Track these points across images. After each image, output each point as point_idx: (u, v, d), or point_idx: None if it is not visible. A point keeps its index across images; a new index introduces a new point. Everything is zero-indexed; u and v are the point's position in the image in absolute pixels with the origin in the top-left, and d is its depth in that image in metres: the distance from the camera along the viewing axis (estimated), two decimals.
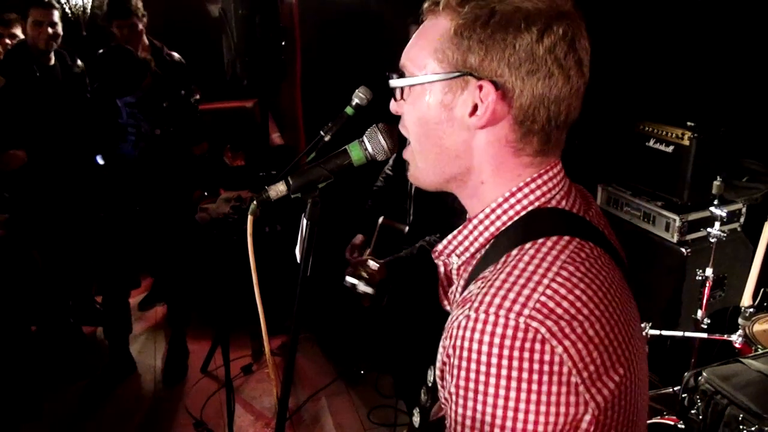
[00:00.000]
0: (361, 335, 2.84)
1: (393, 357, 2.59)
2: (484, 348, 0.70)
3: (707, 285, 2.34)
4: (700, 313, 2.35)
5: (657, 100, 2.94)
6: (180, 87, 3.14)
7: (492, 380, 0.69)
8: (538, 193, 0.83)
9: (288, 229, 3.02)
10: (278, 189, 1.22)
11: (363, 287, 1.93)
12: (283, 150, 4.15)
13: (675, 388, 1.99)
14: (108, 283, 3.12)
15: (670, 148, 2.71)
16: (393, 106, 0.92)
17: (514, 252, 0.78)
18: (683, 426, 1.93)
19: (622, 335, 0.75)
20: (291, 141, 4.34)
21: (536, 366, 0.69)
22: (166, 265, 3.20)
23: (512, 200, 0.83)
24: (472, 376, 0.70)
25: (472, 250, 0.87)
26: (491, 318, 0.70)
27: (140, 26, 3.20)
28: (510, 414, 0.69)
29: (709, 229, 2.35)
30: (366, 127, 1.28)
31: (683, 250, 2.62)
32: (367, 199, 2.58)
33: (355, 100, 2.06)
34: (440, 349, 0.80)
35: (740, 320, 2.16)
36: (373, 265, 1.96)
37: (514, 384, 0.69)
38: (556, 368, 0.69)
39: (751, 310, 2.17)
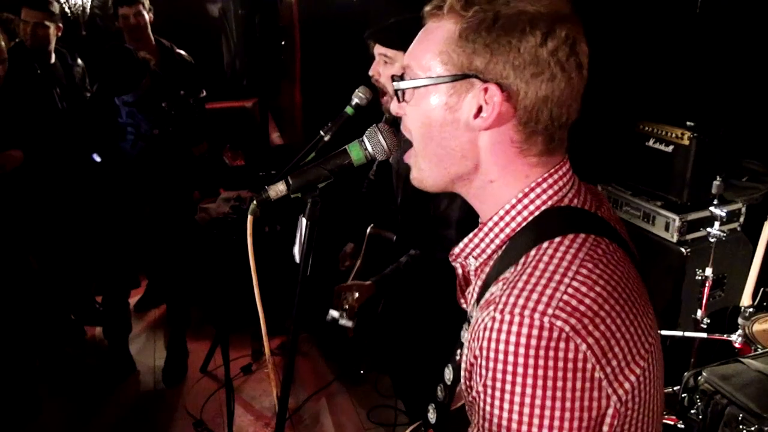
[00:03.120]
0: (361, 335, 2.84)
1: (390, 358, 2.59)
2: (511, 348, 0.72)
3: (707, 285, 2.34)
4: (699, 312, 2.35)
5: (657, 100, 2.94)
6: (182, 87, 3.14)
7: (519, 379, 0.71)
8: (550, 192, 0.85)
9: (288, 229, 3.02)
10: (278, 189, 1.23)
11: (344, 321, 1.95)
12: (283, 150, 4.15)
13: (675, 388, 1.99)
14: (108, 283, 3.11)
15: (670, 148, 2.71)
16: (394, 108, 0.93)
17: (533, 252, 0.80)
18: (683, 426, 1.93)
19: (642, 328, 0.78)
20: (291, 141, 4.34)
21: (561, 364, 0.71)
22: (165, 265, 3.20)
23: (525, 201, 0.85)
24: (499, 376, 0.73)
25: (488, 251, 0.89)
26: (516, 319, 0.72)
27: (146, 17, 3.20)
28: (537, 411, 0.71)
29: (708, 229, 2.35)
30: (366, 127, 1.28)
31: (683, 249, 2.62)
32: (354, 206, 2.57)
33: (355, 100, 2.06)
34: (465, 350, 0.82)
35: (740, 320, 2.16)
36: (354, 293, 1.97)
37: (540, 382, 0.71)
38: (580, 365, 0.71)
39: (751, 309, 2.17)
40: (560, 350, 0.71)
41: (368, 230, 2.37)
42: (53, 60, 3.16)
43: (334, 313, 1.96)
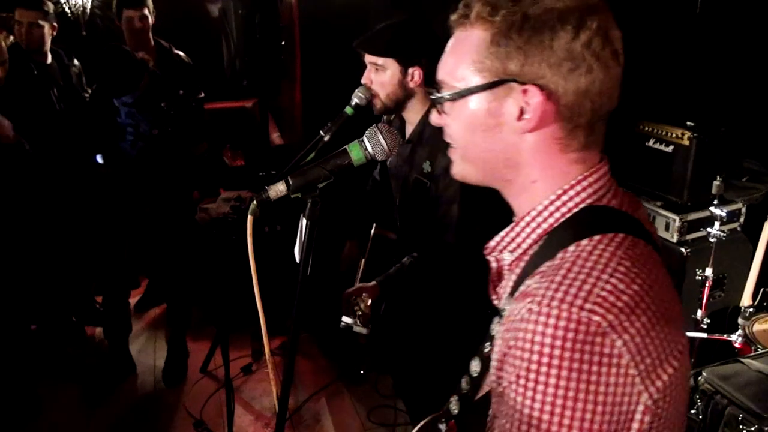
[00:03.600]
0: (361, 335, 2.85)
1: (392, 358, 2.59)
2: (547, 340, 0.72)
3: (707, 285, 2.34)
4: (699, 312, 2.35)
5: (657, 100, 2.94)
6: (180, 87, 3.14)
7: (553, 371, 0.72)
8: (590, 190, 0.86)
9: (288, 229, 3.02)
10: (278, 189, 1.23)
11: (358, 329, 1.94)
12: (282, 150, 4.15)
13: None
14: (108, 283, 3.11)
15: (670, 148, 2.71)
16: (435, 119, 0.94)
17: (571, 248, 0.80)
18: None
19: (675, 331, 0.78)
20: (291, 141, 4.34)
21: (596, 358, 0.71)
22: (165, 265, 3.20)
23: (564, 197, 0.86)
24: (534, 367, 0.73)
25: (524, 246, 0.90)
26: (554, 311, 0.73)
27: (150, 20, 3.22)
28: (569, 404, 0.72)
29: (708, 229, 2.36)
30: (366, 127, 1.28)
31: (683, 249, 2.62)
32: (358, 203, 2.57)
33: (355, 100, 2.06)
34: (498, 341, 0.83)
35: (740, 320, 2.17)
36: (366, 299, 1.97)
37: (574, 375, 0.71)
38: (615, 360, 0.72)
39: (751, 309, 2.17)
40: (596, 345, 0.71)
41: (372, 231, 2.37)
42: (49, 60, 3.16)
43: (347, 320, 1.95)
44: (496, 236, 0.94)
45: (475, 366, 0.95)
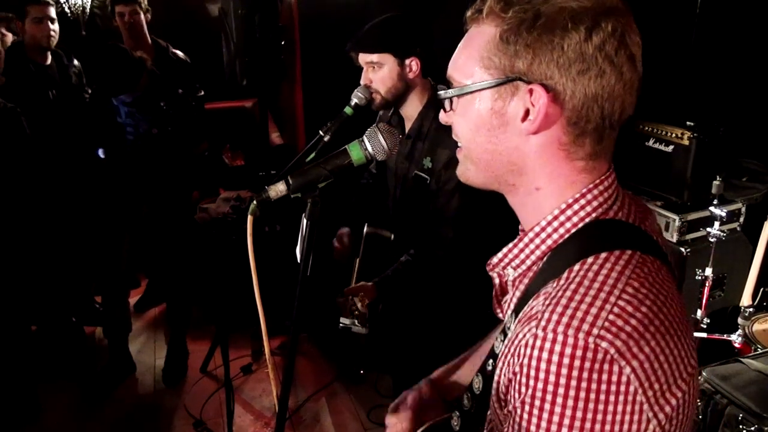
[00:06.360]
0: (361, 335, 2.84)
1: (391, 358, 2.59)
2: (553, 368, 0.70)
3: (707, 285, 2.34)
4: (699, 312, 2.35)
5: (657, 100, 2.94)
6: (179, 86, 3.14)
7: (559, 400, 0.69)
8: (595, 204, 0.82)
9: (288, 229, 3.02)
10: (278, 189, 1.23)
11: (357, 329, 1.94)
12: (282, 150, 4.15)
13: None
14: (108, 282, 3.11)
15: (669, 148, 2.71)
16: (443, 117, 0.92)
17: (576, 267, 0.77)
18: None
19: (685, 350, 0.75)
20: (291, 141, 4.34)
21: (604, 387, 0.69)
22: (165, 264, 3.20)
23: (569, 212, 0.82)
24: (539, 395, 0.71)
25: (528, 262, 0.87)
26: (560, 337, 0.70)
27: (142, 17, 3.24)
28: None
29: (708, 229, 2.36)
30: (366, 127, 1.28)
31: (683, 249, 2.62)
32: (352, 199, 2.56)
33: (354, 100, 2.06)
34: (500, 363, 0.80)
35: (740, 320, 2.16)
36: (363, 299, 1.96)
37: (581, 404, 0.69)
38: (623, 388, 0.69)
39: (751, 309, 2.17)
40: (603, 372, 0.69)
41: (365, 230, 2.37)
42: (49, 61, 3.17)
43: (345, 321, 1.95)
44: (499, 252, 0.90)
45: (477, 383, 0.93)
